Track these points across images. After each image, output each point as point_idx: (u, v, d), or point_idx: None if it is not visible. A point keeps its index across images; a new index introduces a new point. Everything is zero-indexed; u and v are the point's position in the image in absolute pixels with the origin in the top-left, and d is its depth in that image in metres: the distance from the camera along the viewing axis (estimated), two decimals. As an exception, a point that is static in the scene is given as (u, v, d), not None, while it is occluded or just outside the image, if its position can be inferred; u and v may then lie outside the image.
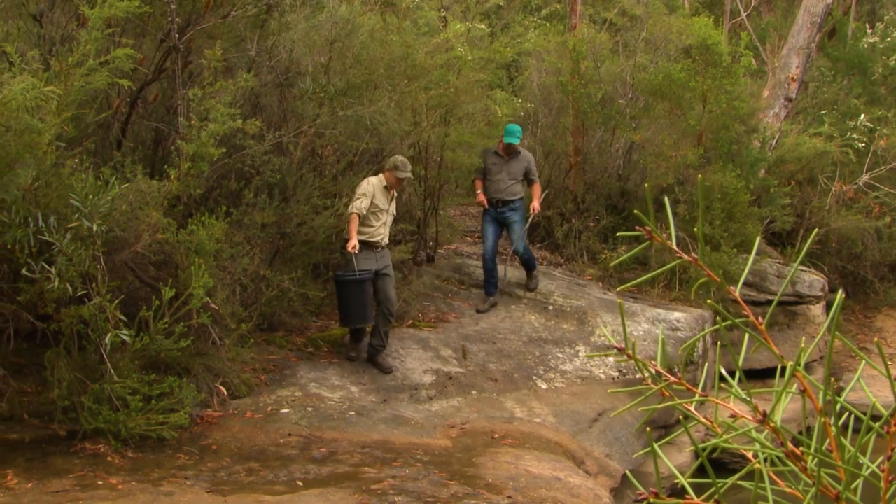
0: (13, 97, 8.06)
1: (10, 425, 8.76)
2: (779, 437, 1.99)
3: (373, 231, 12.02)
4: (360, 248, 11.69)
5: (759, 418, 1.99)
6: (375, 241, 12.03)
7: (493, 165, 14.73)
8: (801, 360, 2.00)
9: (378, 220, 12.08)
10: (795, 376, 1.96)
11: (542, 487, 8.58)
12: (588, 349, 13.37)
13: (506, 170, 14.65)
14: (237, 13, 11.24)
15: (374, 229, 12.03)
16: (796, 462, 1.99)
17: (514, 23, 24.32)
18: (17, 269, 8.21)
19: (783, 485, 2.08)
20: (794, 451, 1.98)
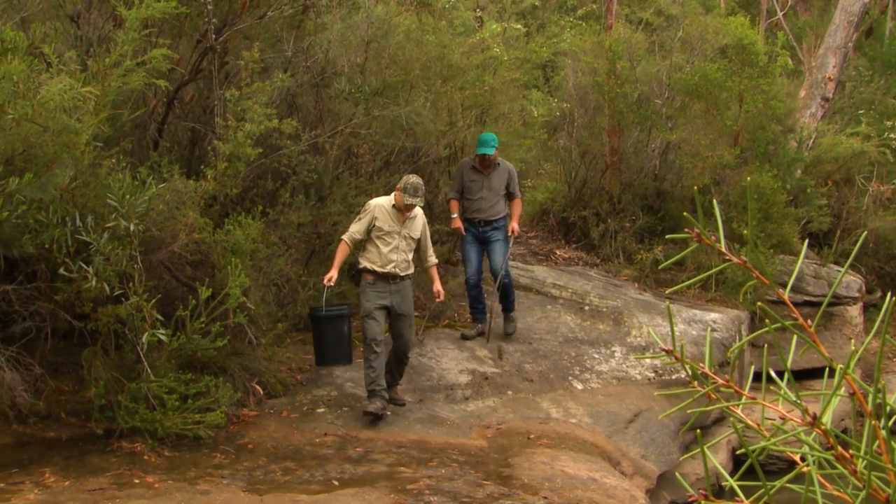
0: (51, 98, 8.06)
1: (47, 424, 8.77)
2: (829, 439, 1.93)
3: (381, 259, 10.40)
4: (373, 280, 10.35)
5: (810, 421, 1.93)
6: (387, 272, 10.40)
7: (471, 182, 12.93)
8: (851, 363, 1.94)
9: (386, 246, 10.41)
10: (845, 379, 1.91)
11: (577, 488, 8.52)
12: (624, 350, 13.27)
13: (486, 186, 12.90)
14: (273, 13, 11.22)
15: (383, 257, 10.39)
16: (846, 465, 1.92)
17: (549, 23, 24.22)
18: (55, 268, 8.21)
19: (831, 488, 2.02)
20: (844, 454, 1.92)
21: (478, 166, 12.88)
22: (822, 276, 17.39)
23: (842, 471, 1.94)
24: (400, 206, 10.43)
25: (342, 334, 10.57)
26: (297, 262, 11.30)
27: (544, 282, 15.07)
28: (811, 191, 18.59)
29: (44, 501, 6.99)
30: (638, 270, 16.38)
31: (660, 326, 13.81)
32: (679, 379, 12.80)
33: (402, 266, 10.48)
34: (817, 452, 1.93)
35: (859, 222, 19.40)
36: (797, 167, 18.61)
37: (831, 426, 1.93)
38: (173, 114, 11.36)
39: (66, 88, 8.22)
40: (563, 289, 14.91)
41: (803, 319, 2.12)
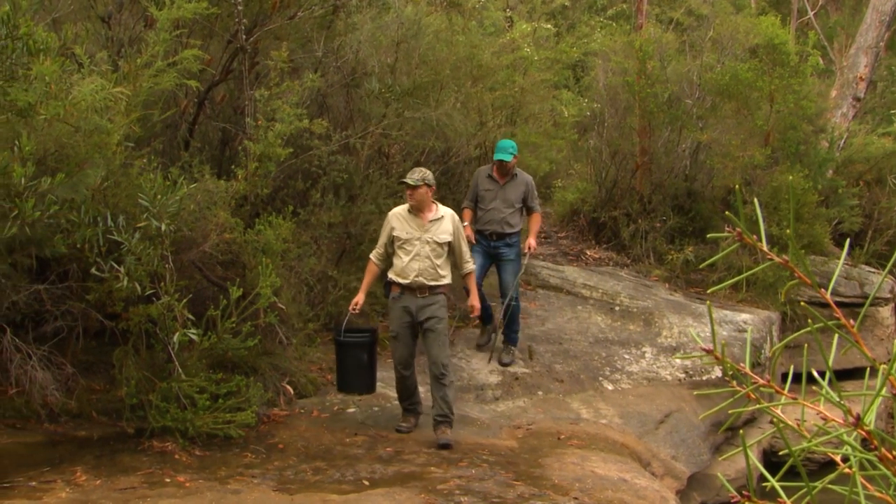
0: (83, 98, 8.07)
1: (79, 422, 8.76)
2: (872, 440, 1.88)
3: (403, 269, 9.65)
4: (399, 293, 9.68)
5: (853, 422, 1.88)
6: (410, 283, 9.64)
7: (485, 192, 12.09)
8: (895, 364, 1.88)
9: (407, 255, 9.64)
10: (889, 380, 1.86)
11: (608, 489, 8.47)
12: (654, 350, 13.20)
13: (501, 196, 12.05)
14: (304, 14, 11.21)
15: (405, 267, 9.64)
16: (889, 466, 1.87)
17: (579, 22, 24.16)
18: (87, 268, 8.21)
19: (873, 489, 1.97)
20: (888, 455, 1.87)
21: (494, 175, 12.07)
22: (854, 277, 17.27)
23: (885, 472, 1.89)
24: (410, 202, 9.73)
25: (361, 362, 9.95)
26: (328, 262, 11.28)
27: (574, 282, 15.01)
28: (842, 191, 18.46)
29: (75, 500, 6.98)
30: (668, 271, 16.30)
31: (690, 327, 13.73)
32: (710, 380, 12.73)
33: (427, 275, 9.62)
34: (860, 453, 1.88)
35: (891, 222, 19.26)
36: (828, 167, 18.46)
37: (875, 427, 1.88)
38: (204, 114, 11.37)
39: (97, 89, 8.22)
40: (594, 289, 14.85)
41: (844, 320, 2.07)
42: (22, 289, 8.33)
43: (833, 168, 18.95)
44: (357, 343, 9.97)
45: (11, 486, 7.15)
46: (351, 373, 10.01)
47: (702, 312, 14.34)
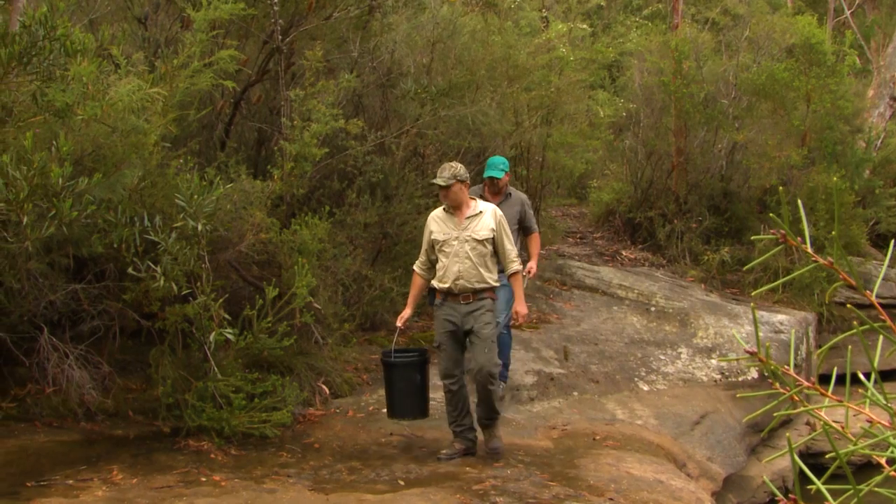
0: (120, 99, 8.08)
1: (115, 421, 8.79)
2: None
3: (444, 273, 8.80)
4: (441, 300, 8.86)
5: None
6: (450, 288, 8.77)
7: None
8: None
9: (446, 257, 8.81)
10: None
11: (643, 490, 8.38)
12: (690, 351, 13.11)
13: None
14: (339, 14, 11.21)
15: (445, 271, 8.79)
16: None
17: (615, 22, 24.12)
18: (123, 267, 8.22)
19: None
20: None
21: (485, 194, 10.64)
22: (892, 278, 17.11)
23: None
24: (445, 203, 8.97)
25: (412, 384, 9.08)
26: (363, 263, 11.26)
27: (610, 282, 14.95)
28: (880, 191, 18.33)
29: (112, 498, 6.98)
30: (704, 271, 16.21)
31: (726, 328, 13.64)
32: (746, 381, 12.64)
33: (470, 277, 8.72)
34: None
35: (929, 223, 19.10)
36: (865, 167, 18.33)
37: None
38: (240, 114, 11.40)
39: (134, 89, 8.24)
40: (629, 290, 14.78)
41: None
42: (59, 288, 8.36)
43: (870, 168, 18.81)
44: (406, 363, 9.11)
45: (49, 485, 7.15)
46: (401, 396, 9.13)
47: (738, 313, 14.25)
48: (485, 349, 8.66)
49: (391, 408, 9.22)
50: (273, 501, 7.21)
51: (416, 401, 9.10)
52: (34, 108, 7.83)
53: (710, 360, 12.84)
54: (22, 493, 6.93)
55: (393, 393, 9.14)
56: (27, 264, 7.90)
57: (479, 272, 8.75)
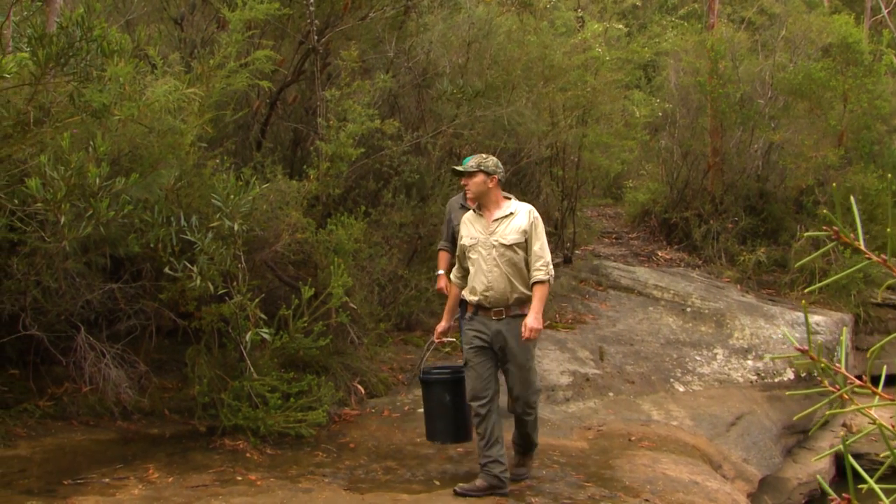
0: (156, 99, 8.08)
1: (151, 420, 8.80)
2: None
3: (472, 283, 7.77)
4: (471, 315, 7.82)
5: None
6: (478, 301, 7.67)
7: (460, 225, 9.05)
8: None
9: (473, 266, 7.79)
10: None
11: (679, 491, 8.32)
12: (726, 352, 13.01)
13: None
14: (375, 14, 11.19)
15: (473, 281, 7.75)
16: None
17: (651, 22, 24.01)
18: (160, 267, 8.22)
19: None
20: None
21: (467, 204, 8.98)
22: (930, 279, 16.94)
23: None
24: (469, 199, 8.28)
25: (441, 405, 8.21)
26: (399, 263, 11.24)
27: (646, 283, 14.88)
28: (917, 192, 18.14)
29: (148, 497, 6.98)
30: (740, 272, 16.11)
31: (762, 329, 13.55)
32: (782, 382, 12.54)
33: (502, 288, 7.56)
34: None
35: (968, 223, 18.87)
36: (904, 167, 18.17)
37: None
38: (276, 114, 11.40)
39: (170, 90, 8.24)
40: (665, 290, 14.69)
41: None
42: (96, 288, 8.37)
43: (907, 168, 18.63)
44: (435, 381, 8.28)
45: (85, 483, 7.15)
46: (430, 417, 8.32)
47: (774, 314, 14.14)
48: (522, 379, 7.68)
49: (427, 429, 8.41)
50: (308, 501, 7.19)
51: (446, 423, 8.21)
52: (71, 109, 7.83)
53: (746, 361, 12.77)
54: (59, 490, 6.95)
55: (427, 413, 8.37)
56: (64, 264, 7.90)
57: (512, 283, 7.56)
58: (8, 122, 7.69)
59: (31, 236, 7.52)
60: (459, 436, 8.32)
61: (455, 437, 8.35)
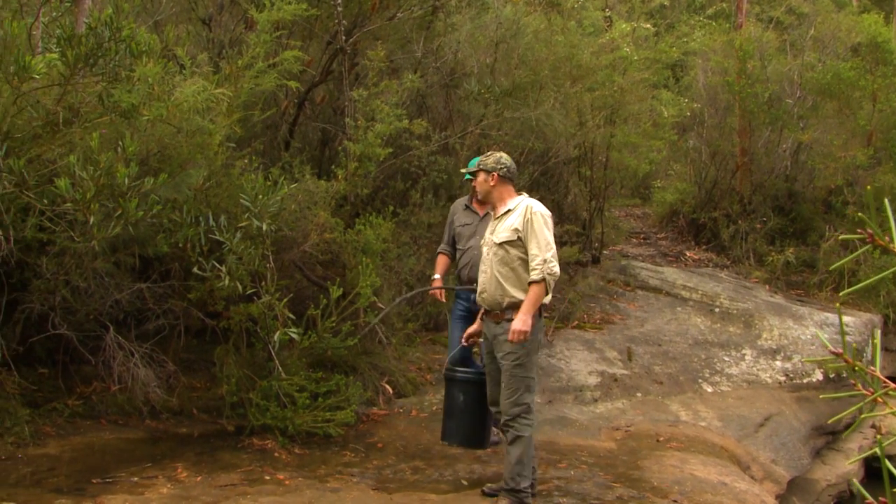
0: (185, 99, 8.09)
1: (180, 420, 8.80)
2: None
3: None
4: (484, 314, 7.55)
5: None
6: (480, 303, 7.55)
7: (462, 227, 9.09)
8: None
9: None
10: None
11: (707, 492, 8.28)
12: (754, 352, 12.93)
13: (479, 231, 8.74)
14: (403, 14, 11.17)
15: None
16: None
17: (679, 22, 23.94)
18: (189, 267, 8.22)
19: None
20: None
21: (471, 205, 9.12)
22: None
23: None
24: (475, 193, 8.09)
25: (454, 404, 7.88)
26: (427, 263, 11.22)
27: (674, 283, 14.81)
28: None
29: (176, 496, 6.96)
30: (769, 272, 16.02)
31: (791, 329, 13.46)
32: (811, 383, 12.45)
33: (493, 289, 7.25)
34: None
35: None
36: (932, 168, 18.04)
37: None
38: (304, 114, 11.40)
39: (199, 90, 8.24)
40: (693, 290, 14.62)
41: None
42: (125, 287, 8.37)
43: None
44: (449, 379, 7.99)
45: (114, 481, 7.15)
46: (444, 415, 8.04)
47: (802, 315, 14.04)
48: (505, 382, 7.19)
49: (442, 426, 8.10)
50: (337, 500, 7.17)
51: (457, 424, 7.86)
52: (100, 109, 7.85)
53: (775, 362, 12.69)
54: (88, 489, 6.94)
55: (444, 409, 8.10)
56: (93, 263, 7.91)
57: (502, 286, 7.18)
58: (37, 123, 7.70)
59: (61, 236, 7.52)
60: (472, 441, 8.00)
61: (466, 441, 8.02)
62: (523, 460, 7.09)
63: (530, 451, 7.14)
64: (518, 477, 7.07)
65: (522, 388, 7.09)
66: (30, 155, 7.53)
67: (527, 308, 7.02)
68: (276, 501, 7.00)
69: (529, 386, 7.15)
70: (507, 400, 7.09)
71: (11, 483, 6.97)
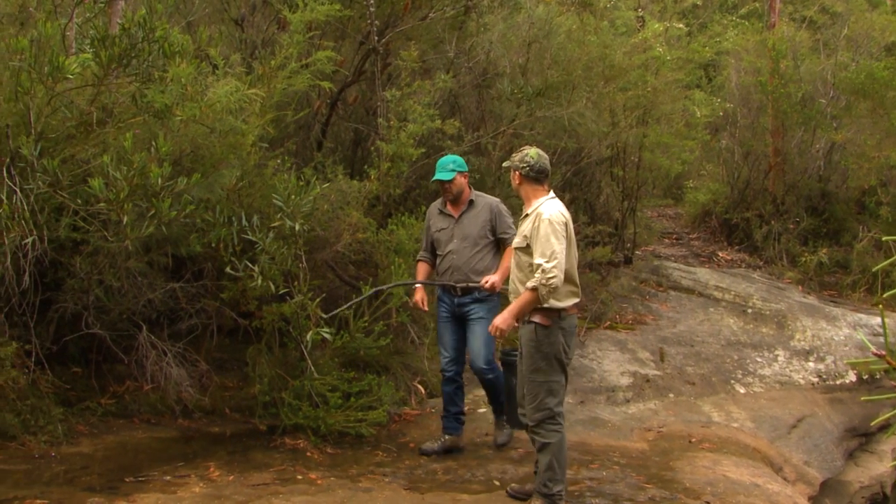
0: (218, 100, 8.09)
1: (212, 419, 8.81)
2: None
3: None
4: None
5: None
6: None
7: (439, 232, 8.75)
8: None
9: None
10: None
11: (740, 493, 8.20)
12: (787, 353, 12.82)
13: (458, 233, 8.63)
14: (435, 15, 11.14)
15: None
16: None
17: (711, 22, 23.83)
18: (221, 267, 8.22)
19: None
20: None
21: (445, 209, 8.79)
22: None
23: None
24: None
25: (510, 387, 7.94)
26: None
27: (706, 284, 14.72)
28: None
29: (209, 495, 6.96)
30: (802, 273, 15.90)
31: (824, 330, 13.34)
32: (844, 384, 12.35)
33: (514, 292, 7.24)
34: None
35: None
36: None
37: None
38: (337, 115, 11.39)
39: (232, 90, 8.24)
40: (726, 291, 14.52)
41: None
42: (158, 287, 8.38)
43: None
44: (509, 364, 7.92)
45: (146, 480, 7.15)
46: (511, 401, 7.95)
47: (835, 316, 13.92)
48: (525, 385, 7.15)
49: None
50: (368, 500, 7.15)
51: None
52: (134, 110, 7.87)
53: (808, 363, 12.59)
54: (120, 488, 6.95)
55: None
56: (127, 263, 7.93)
57: (518, 289, 7.12)
58: (71, 123, 7.73)
59: (94, 236, 7.55)
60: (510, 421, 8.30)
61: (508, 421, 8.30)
62: (554, 466, 7.01)
63: (561, 455, 7.04)
64: (550, 482, 7.00)
65: (544, 393, 7.00)
66: (64, 155, 7.55)
67: (511, 309, 7.07)
68: (308, 501, 6.99)
69: (552, 390, 7.02)
70: (530, 405, 7.04)
71: (45, 481, 6.99)
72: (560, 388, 7.08)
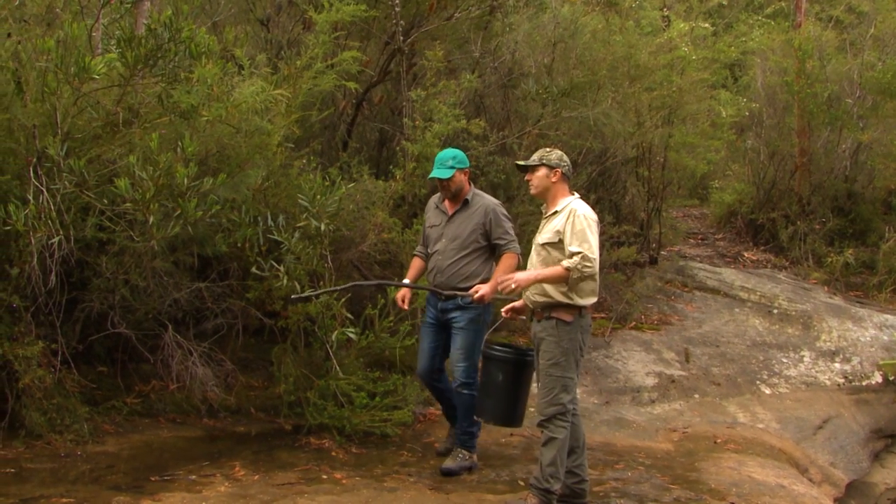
0: (244, 100, 8.10)
1: (237, 418, 8.79)
2: None
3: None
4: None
5: None
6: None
7: (431, 229, 8.24)
8: None
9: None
10: None
11: (765, 495, 8.15)
12: (813, 354, 12.74)
13: (448, 233, 8.04)
14: (461, 15, 11.12)
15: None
16: None
17: (737, 21, 23.73)
18: (247, 267, 8.22)
19: None
20: None
21: (441, 205, 8.23)
22: None
23: None
24: None
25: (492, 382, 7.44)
26: (484, 262, 11.18)
27: (732, 284, 14.65)
28: None
29: (234, 494, 6.94)
30: (828, 273, 15.81)
31: (850, 331, 13.25)
32: (870, 385, 12.27)
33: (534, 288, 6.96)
34: None
35: None
36: None
37: None
38: (362, 115, 11.40)
39: (258, 91, 8.26)
40: (752, 291, 14.44)
41: None
42: (184, 287, 8.37)
43: None
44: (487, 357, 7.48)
45: (172, 479, 7.14)
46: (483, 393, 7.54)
47: (862, 316, 13.82)
48: (540, 380, 7.01)
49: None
50: (393, 500, 7.12)
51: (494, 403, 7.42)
52: (160, 110, 7.87)
53: (834, 364, 12.51)
54: (146, 487, 6.93)
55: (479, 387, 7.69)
56: (153, 263, 7.92)
57: (541, 285, 6.88)
58: (97, 123, 7.74)
59: (120, 235, 7.55)
60: (506, 420, 7.56)
61: (500, 420, 7.57)
62: (557, 462, 6.85)
63: (563, 452, 6.92)
64: (551, 479, 6.85)
65: (558, 388, 6.86)
66: (90, 155, 7.55)
67: (534, 274, 6.91)
68: (334, 500, 6.96)
69: (567, 386, 6.89)
70: (543, 399, 6.90)
71: (71, 480, 6.99)
72: (574, 385, 7.00)
